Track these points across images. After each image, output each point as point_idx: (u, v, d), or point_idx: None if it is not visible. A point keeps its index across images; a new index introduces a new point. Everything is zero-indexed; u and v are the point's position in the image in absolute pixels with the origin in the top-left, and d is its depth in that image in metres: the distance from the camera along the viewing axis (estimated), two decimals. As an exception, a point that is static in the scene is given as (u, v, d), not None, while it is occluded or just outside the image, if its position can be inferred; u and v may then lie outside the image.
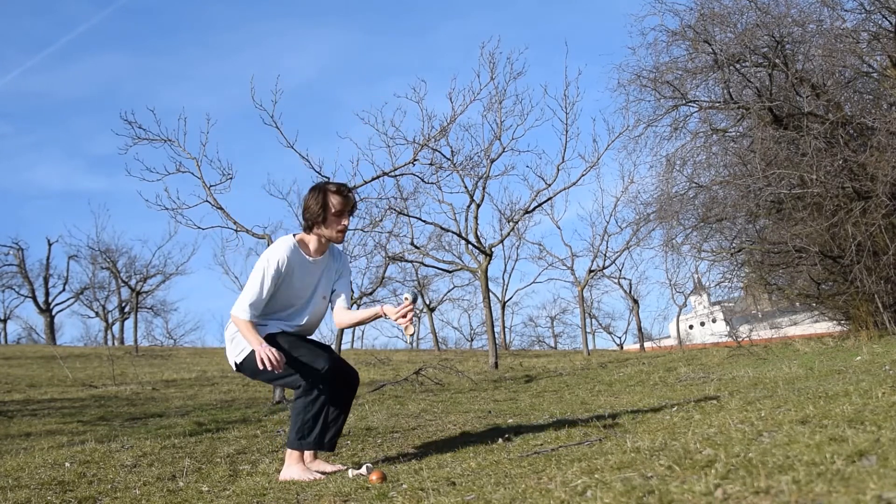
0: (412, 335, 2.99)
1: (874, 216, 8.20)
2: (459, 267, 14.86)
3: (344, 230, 3.05)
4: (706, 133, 10.41)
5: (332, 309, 3.22)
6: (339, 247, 3.27)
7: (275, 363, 2.81)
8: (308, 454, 3.09)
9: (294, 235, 3.08)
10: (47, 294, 27.22)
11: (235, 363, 3.07)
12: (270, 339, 2.98)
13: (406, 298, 2.99)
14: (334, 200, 3.01)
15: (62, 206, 58.10)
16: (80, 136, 62.15)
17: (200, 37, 68.08)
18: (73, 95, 61.45)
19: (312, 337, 3.26)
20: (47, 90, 58.02)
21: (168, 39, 64.65)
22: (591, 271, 18.39)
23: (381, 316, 3.02)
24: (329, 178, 9.47)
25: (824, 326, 13.30)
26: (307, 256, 3.07)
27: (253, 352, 2.93)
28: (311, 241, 3.09)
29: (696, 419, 3.07)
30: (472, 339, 31.83)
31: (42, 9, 55.95)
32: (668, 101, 10.26)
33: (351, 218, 3.10)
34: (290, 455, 2.97)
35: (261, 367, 2.84)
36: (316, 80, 70.01)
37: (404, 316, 2.92)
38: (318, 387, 2.93)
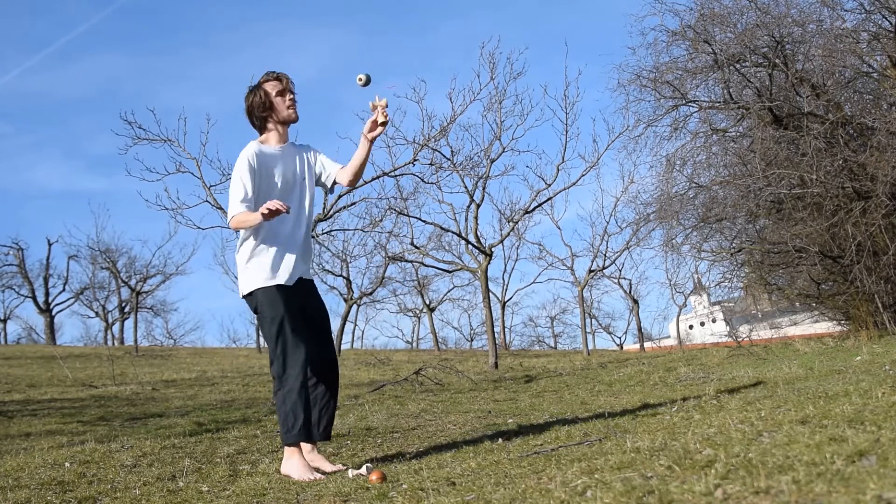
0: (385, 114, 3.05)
1: (874, 216, 8.20)
2: (459, 267, 14.85)
3: (293, 104, 3.14)
4: (706, 133, 10.41)
5: (335, 183, 3.27)
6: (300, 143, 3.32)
7: (280, 206, 2.84)
8: (307, 446, 3.10)
9: (254, 140, 3.17)
10: (47, 294, 27.23)
11: (243, 292, 3.11)
12: (278, 291, 3.02)
13: (373, 104, 3.07)
14: (270, 85, 3.12)
15: (62, 206, 58.14)
16: (80, 136, 62.20)
17: (200, 37, 68.10)
18: (73, 95, 61.50)
19: (313, 302, 3.23)
20: (47, 90, 58.05)
21: (168, 39, 64.67)
22: (591, 271, 18.39)
23: (369, 138, 3.11)
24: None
25: (824, 326, 13.30)
26: (273, 147, 3.14)
27: (259, 292, 3.01)
28: (270, 136, 3.17)
29: (696, 419, 3.07)
30: (472, 339, 31.84)
31: (41, 9, 55.95)
32: (668, 101, 10.26)
33: (294, 92, 3.16)
34: (287, 450, 2.99)
35: (266, 213, 2.84)
36: (316, 80, 70.00)
37: (382, 120, 3.04)
38: (290, 378, 2.95)
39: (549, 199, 13.02)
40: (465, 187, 11.89)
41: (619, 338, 31.89)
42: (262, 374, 11.31)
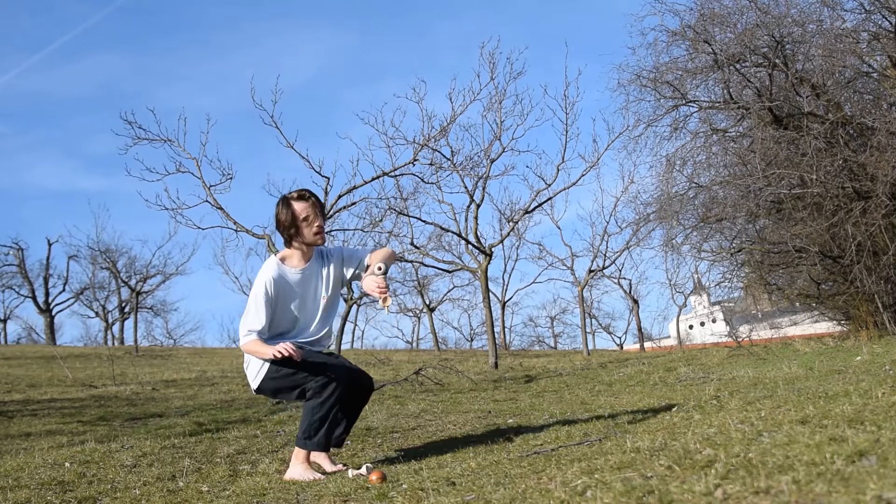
0: (389, 307, 3.03)
1: (874, 216, 8.20)
2: (459, 267, 14.85)
3: (320, 230, 3.11)
4: (706, 133, 10.40)
5: (366, 269, 3.21)
6: (326, 246, 3.30)
7: (293, 353, 2.86)
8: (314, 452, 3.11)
9: (277, 253, 3.16)
10: (47, 294, 27.24)
11: (254, 387, 3.12)
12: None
13: (378, 269, 3.03)
14: (299, 207, 3.08)
15: (61, 206, 58.17)
16: (79, 135, 62.25)
17: (199, 37, 68.13)
18: (72, 95, 61.52)
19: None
20: (46, 90, 58.11)
21: (166, 39, 64.73)
22: (591, 271, 18.39)
23: (366, 273, 3.08)
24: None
25: (824, 326, 13.30)
26: (294, 269, 3.12)
27: (269, 371, 3.01)
28: (294, 253, 3.15)
29: (696, 419, 3.07)
30: (472, 339, 31.84)
31: (40, 8, 56.02)
32: (668, 101, 10.26)
33: (323, 218, 3.15)
34: (297, 454, 2.99)
35: (278, 356, 2.87)
36: (314, 79, 70.09)
37: (381, 290, 2.99)
38: (329, 389, 2.95)
39: (549, 199, 13.02)
40: (465, 187, 11.89)
41: (619, 338, 31.92)
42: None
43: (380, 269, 3.03)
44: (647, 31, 11.97)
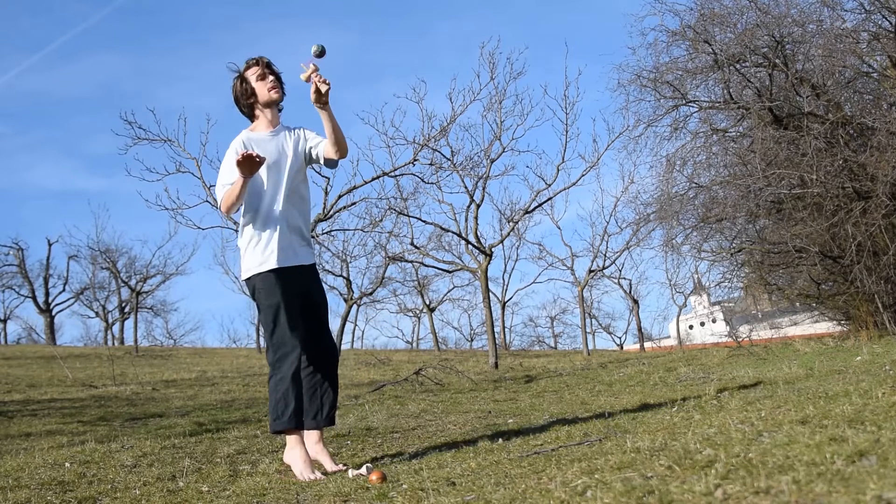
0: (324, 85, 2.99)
1: (874, 216, 8.20)
2: (459, 267, 14.85)
3: (275, 85, 3.16)
4: (706, 133, 10.40)
5: (328, 160, 3.22)
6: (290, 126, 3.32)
7: (252, 152, 2.88)
8: (312, 436, 3.11)
9: (243, 130, 3.22)
10: (47, 294, 27.23)
11: (243, 277, 3.12)
12: (276, 277, 3.02)
13: (304, 77, 3.01)
14: (250, 73, 3.16)
15: (61, 206, 58.19)
16: (79, 135, 62.28)
17: (198, 37, 68.15)
18: (71, 95, 61.58)
19: (311, 294, 3.21)
20: (45, 90, 58.14)
21: (166, 39, 64.77)
22: (591, 271, 18.39)
23: (318, 106, 3.04)
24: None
25: (824, 326, 13.29)
26: (261, 134, 3.17)
27: (258, 279, 3.02)
28: (260, 122, 3.21)
29: (696, 419, 3.07)
30: (472, 339, 31.83)
31: (40, 9, 56.02)
32: (668, 102, 10.25)
33: (277, 77, 3.19)
34: (288, 439, 3.00)
35: (242, 159, 2.87)
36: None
37: (322, 88, 3.00)
38: (284, 365, 2.95)
39: (549, 199, 13.04)
40: (465, 187, 11.90)
41: (620, 338, 31.92)
42: (262, 374, 11.31)
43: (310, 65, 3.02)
44: (647, 31, 11.96)
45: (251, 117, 3.23)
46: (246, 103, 3.19)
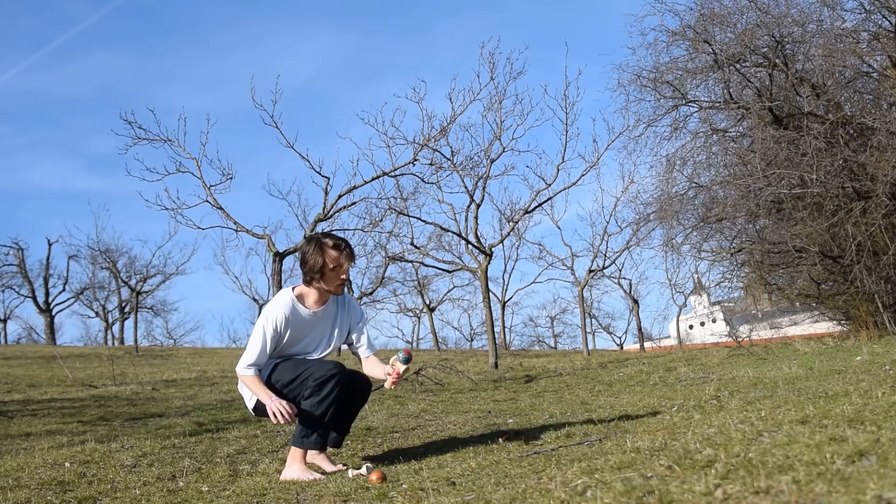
0: (391, 387, 3.02)
1: (874, 216, 8.20)
2: (459, 267, 14.85)
3: (343, 283, 3.08)
4: (706, 133, 10.41)
5: (355, 351, 3.28)
6: (346, 296, 3.27)
7: (287, 417, 2.87)
8: (311, 451, 3.11)
9: (293, 289, 3.10)
10: (47, 294, 27.22)
11: (250, 406, 3.13)
12: (276, 366, 3.04)
13: (395, 365, 3.00)
14: (332, 255, 3.02)
15: (60, 206, 58.24)
16: (78, 135, 62.32)
17: (197, 37, 68.24)
18: (71, 95, 61.62)
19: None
20: (44, 90, 58.17)
21: (165, 39, 64.86)
22: (591, 271, 18.39)
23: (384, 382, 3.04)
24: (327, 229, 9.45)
25: (824, 326, 13.30)
26: (307, 309, 3.08)
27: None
28: (311, 293, 3.10)
29: (696, 419, 3.07)
30: (472, 339, 31.85)
31: (39, 8, 56.06)
32: (668, 101, 10.26)
33: (345, 274, 3.08)
34: (294, 453, 2.99)
35: (273, 420, 2.90)
36: (313, 79, 70.13)
37: (395, 380, 2.98)
38: (328, 387, 2.94)
39: (549, 199, 13.01)
40: (465, 187, 11.89)
41: (620, 338, 31.93)
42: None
43: (396, 365, 3.00)
44: (647, 31, 11.99)
45: (305, 282, 3.10)
46: (309, 274, 3.05)
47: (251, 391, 3.03)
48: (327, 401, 2.94)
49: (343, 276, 3.06)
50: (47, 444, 4.22)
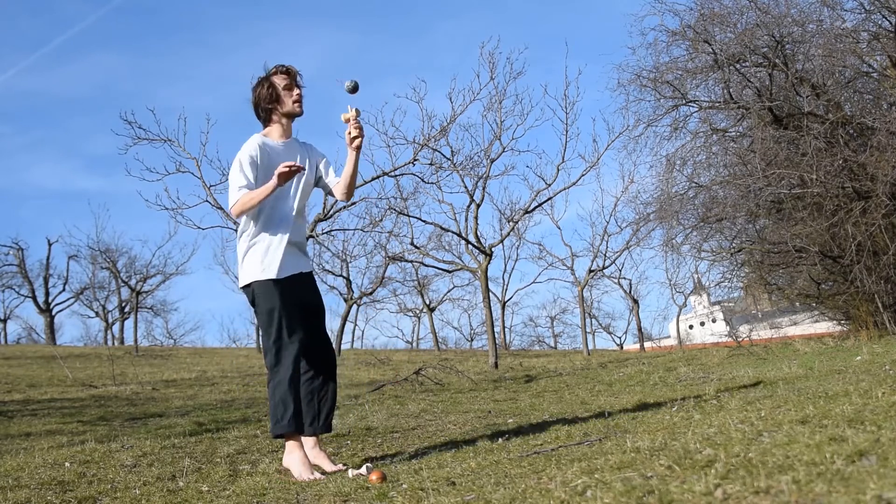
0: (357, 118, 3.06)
1: (874, 216, 8.20)
2: (459, 267, 14.85)
3: (299, 98, 3.14)
4: (706, 133, 10.41)
5: (332, 194, 3.29)
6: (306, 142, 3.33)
7: (295, 165, 2.88)
8: (309, 441, 3.10)
9: (258, 133, 3.16)
10: (47, 294, 27.23)
11: (241, 284, 3.10)
12: (275, 284, 3.02)
13: (344, 117, 3.07)
14: (278, 79, 3.11)
15: (60, 206, 58.21)
16: (77, 135, 62.28)
17: (197, 36, 68.23)
18: (70, 95, 61.58)
19: (309, 294, 3.22)
20: (44, 89, 58.14)
21: (164, 39, 64.83)
22: (591, 271, 18.39)
23: (352, 148, 3.12)
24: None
25: (824, 326, 13.30)
26: (275, 142, 3.13)
27: (258, 285, 3.00)
28: (274, 129, 3.17)
29: (696, 419, 3.07)
30: (472, 339, 31.84)
31: (38, 8, 56.02)
32: (668, 101, 10.26)
33: (300, 88, 3.16)
34: (287, 444, 2.99)
35: (284, 170, 2.87)
36: (313, 79, 69.95)
37: (354, 134, 3.07)
38: (281, 369, 2.95)
39: (549, 199, 13.03)
40: (465, 187, 11.90)
41: (619, 338, 31.93)
42: (262, 373, 11.31)
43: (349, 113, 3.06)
44: (647, 31, 12.01)
45: (265, 122, 3.18)
46: (265, 107, 3.13)
47: (252, 202, 2.95)
48: (284, 384, 2.94)
49: (297, 91, 3.12)
50: (47, 444, 4.22)
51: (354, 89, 3.04)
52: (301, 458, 2.95)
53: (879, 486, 1.39)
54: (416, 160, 9.65)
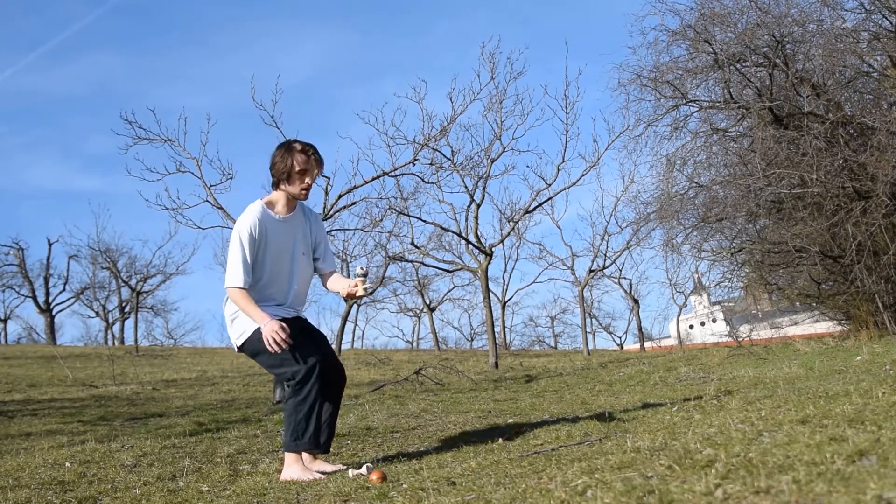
0: (366, 289, 3.11)
1: (874, 216, 8.20)
2: (459, 267, 14.85)
3: (307, 188, 3.14)
4: (706, 133, 10.40)
5: (320, 277, 3.34)
6: (310, 206, 3.35)
7: (281, 343, 2.86)
8: (307, 454, 3.09)
9: (261, 199, 3.16)
10: (47, 294, 27.22)
11: (237, 345, 3.09)
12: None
13: (358, 276, 3.10)
14: (299, 159, 3.10)
15: (60, 206, 58.19)
16: (76, 135, 62.27)
17: (194, 36, 68.24)
18: (68, 94, 61.57)
19: (308, 324, 3.25)
20: (42, 89, 58.13)
21: (162, 39, 64.82)
22: (591, 271, 18.39)
23: (343, 295, 3.15)
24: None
25: (824, 326, 13.29)
26: (277, 215, 3.13)
27: (254, 333, 2.99)
28: (279, 199, 3.16)
29: (696, 419, 3.07)
30: (472, 339, 31.83)
31: (35, 8, 56.00)
32: (669, 101, 10.25)
33: (316, 178, 3.17)
34: (289, 457, 2.97)
35: (269, 349, 2.88)
36: (312, 79, 70.12)
37: (353, 293, 3.09)
38: (307, 385, 2.93)
39: (550, 198, 13.02)
40: (466, 187, 11.89)
41: (620, 338, 31.91)
42: (262, 373, 11.31)
43: (359, 275, 3.09)
44: (647, 31, 12.02)
45: (273, 187, 3.17)
46: (276, 177, 3.13)
47: (244, 310, 2.97)
48: (309, 400, 2.93)
49: (308, 181, 3.13)
50: (47, 444, 4.22)
51: (365, 275, 3.10)
52: (301, 468, 2.95)
53: (879, 486, 1.39)
54: (416, 160, 9.64)
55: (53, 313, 27.33)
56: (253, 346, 3.02)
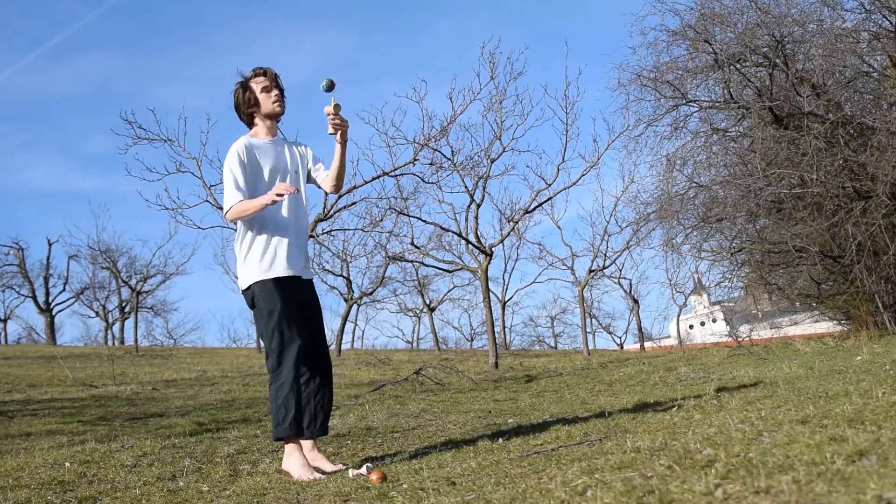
0: (337, 105, 3.08)
1: (874, 216, 8.19)
2: (459, 267, 14.85)
3: (279, 98, 3.19)
4: (706, 133, 10.40)
5: (321, 187, 3.35)
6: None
7: (289, 189, 2.92)
8: (307, 443, 3.10)
9: (243, 136, 3.21)
10: (47, 294, 27.24)
11: (241, 287, 3.11)
12: (275, 284, 3.02)
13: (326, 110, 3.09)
14: (255, 82, 3.18)
15: (59, 206, 58.20)
16: (75, 135, 62.29)
17: (194, 36, 68.25)
18: (67, 94, 61.58)
19: (310, 297, 3.23)
20: (41, 89, 58.14)
21: (161, 39, 64.84)
22: (591, 271, 18.39)
23: (338, 141, 3.14)
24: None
25: (824, 326, 13.29)
26: (261, 141, 3.18)
27: (256, 283, 3.01)
28: (259, 129, 3.22)
29: (696, 419, 3.07)
30: (472, 339, 31.85)
31: (34, 8, 55.98)
32: (669, 101, 10.25)
33: (280, 89, 3.21)
34: (286, 449, 3.00)
35: (276, 198, 2.91)
36: (312, 79, 70.03)
37: (332, 130, 3.10)
38: (283, 372, 2.96)
39: (550, 198, 13.02)
40: (466, 187, 11.89)
41: (620, 337, 31.93)
42: (263, 373, 11.31)
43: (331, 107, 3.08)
44: (647, 31, 12.02)
45: (249, 125, 3.25)
46: (247, 111, 3.20)
47: (246, 213, 3.00)
48: (286, 386, 2.94)
49: (276, 92, 3.17)
50: (47, 444, 4.22)
51: (329, 87, 3.07)
52: (300, 459, 2.95)
53: (879, 486, 1.39)
54: (416, 160, 9.65)
55: (53, 313, 27.35)
56: (252, 296, 3.05)
